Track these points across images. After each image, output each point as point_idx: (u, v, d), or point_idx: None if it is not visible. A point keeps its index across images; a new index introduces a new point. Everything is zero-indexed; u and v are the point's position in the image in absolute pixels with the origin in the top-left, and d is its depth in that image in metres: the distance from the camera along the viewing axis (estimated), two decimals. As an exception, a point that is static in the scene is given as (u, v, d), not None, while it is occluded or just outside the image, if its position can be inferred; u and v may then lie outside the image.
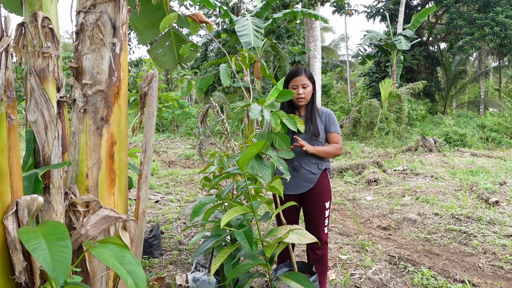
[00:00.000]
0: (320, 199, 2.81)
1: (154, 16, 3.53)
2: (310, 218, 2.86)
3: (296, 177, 2.78)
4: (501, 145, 13.18)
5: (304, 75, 2.74)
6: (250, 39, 8.06)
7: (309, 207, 2.85)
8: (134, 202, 5.07)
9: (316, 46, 12.54)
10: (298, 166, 2.78)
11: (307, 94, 2.75)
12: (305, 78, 2.74)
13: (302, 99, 2.74)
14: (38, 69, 1.69)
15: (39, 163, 1.71)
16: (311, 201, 2.83)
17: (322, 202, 2.82)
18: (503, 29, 18.64)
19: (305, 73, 2.75)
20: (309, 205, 2.84)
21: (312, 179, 2.79)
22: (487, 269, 3.60)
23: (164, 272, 3.50)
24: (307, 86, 2.74)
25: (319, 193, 2.81)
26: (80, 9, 1.92)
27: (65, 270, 1.20)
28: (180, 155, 11.59)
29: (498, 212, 5.30)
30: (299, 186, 2.80)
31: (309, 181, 2.79)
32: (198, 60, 15.42)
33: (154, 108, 2.15)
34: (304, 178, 2.79)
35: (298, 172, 2.78)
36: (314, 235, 2.68)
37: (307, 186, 2.80)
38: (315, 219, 2.84)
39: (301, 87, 2.73)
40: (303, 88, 2.73)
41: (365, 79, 25.04)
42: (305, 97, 2.74)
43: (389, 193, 6.67)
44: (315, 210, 2.82)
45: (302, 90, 2.73)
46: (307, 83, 2.74)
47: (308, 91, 2.75)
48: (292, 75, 2.78)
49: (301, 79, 2.73)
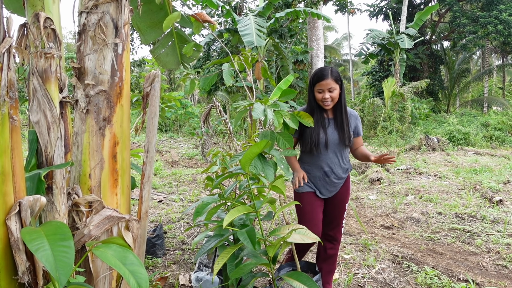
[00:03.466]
0: (342, 200, 2.80)
1: (157, 16, 3.53)
2: (330, 218, 2.83)
3: (328, 182, 2.72)
4: (505, 143, 13.13)
5: (330, 78, 2.52)
6: (253, 38, 8.06)
7: (331, 208, 2.81)
8: (137, 202, 5.08)
9: (318, 45, 12.52)
10: (329, 172, 2.70)
11: (334, 97, 2.56)
12: (332, 81, 2.52)
13: (329, 103, 2.57)
14: (40, 69, 1.69)
15: (42, 163, 1.71)
16: (334, 203, 2.79)
17: (344, 203, 2.81)
18: (506, 27, 18.56)
19: (332, 76, 2.53)
20: (332, 206, 2.81)
21: (340, 183, 2.76)
22: (491, 268, 3.59)
23: (167, 271, 3.50)
24: (334, 89, 2.53)
25: (342, 195, 2.79)
26: (82, 9, 1.92)
27: (67, 270, 1.20)
28: (183, 154, 11.59)
29: (502, 211, 5.28)
30: (330, 190, 2.75)
31: (338, 184, 2.76)
32: (200, 60, 15.43)
33: (156, 108, 2.15)
34: (333, 184, 2.73)
35: (330, 177, 2.71)
36: (331, 234, 2.85)
37: (335, 190, 2.77)
38: (335, 219, 2.83)
39: (327, 92, 2.53)
40: (330, 92, 2.53)
41: (368, 78, 24.98)
42: (332, 101, 2.57)
43: (392, 192, 6.65)
44: (336, 211, 2.80)
45: (328, 94, 2.53)
46: (334, 86, 2.53)
47: (336, 94, 2.56)
48: (317, 79, 2.56)
49: (327, 83, 2.52)
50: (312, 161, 2.71)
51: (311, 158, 2.72)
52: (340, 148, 2.68)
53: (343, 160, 2.73)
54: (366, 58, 20.71)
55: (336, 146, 2.66)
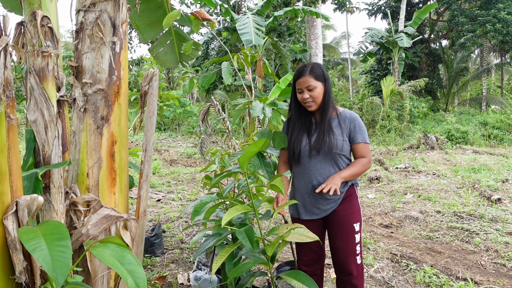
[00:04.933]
0: (346, 220, 2.27)
1: (155, 14, 3.52)
2: (336, 245, 2.31)
3: (317, 198, 2.26)
4: (503, 142, 13.15)
5: (308, 75, 2.20)
6: (251, 37, 8.05)
7: (335, 230, 2.31)
8: (135, 201, 5.07)
9: (317, 44, 12.52)
10: (318, 186, 2.22)
11: (316, 97, 2.21)
12: (310, 78, 2.20)
13: (311, 103, 2.23)
14: (37, 68, 1.68)
15: (39, 162, 1.71)
16: (336, 224, 2.29)
17: (349, 223, 2.27)
18: (505, 26, 18.57)
19: (310, 72, 2.21)
20: (334, 229, 2.30)
21: (336, 199, 2.27)
22: (490, 267, 3.59)
23: (166, 271, 3.50)
24: (313, 88, 2.20)
25: (345, 213, 2.27)
26: (80, 7, 1.91)
27: (65, 270, 1.19)
28: (182, 153, 11.59)
29: (500, 210, 5.29)
30: (321, 209, 2.28)
31: (333, 201, 2.27)
32: (199, 58, 15.43)
33: (154, 107, 2.14)
34: (325, 199, 2.26)
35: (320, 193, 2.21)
36: (342, 267, 2.30)
37: (330, 208, 2.28)
38: (342, 246, 2.28)
39: (306, 91, 2.21)
40: (309, 91, 2.20)
41: (367, 76, 25.00)
42: (314, 101, 2.22)
43: (391, 191, 6.65)
44: (341, 234, 2.27)
45: (308, 93, 2.21)
46: (314, 84, 2.20)
47: (317, 93, 2.21)
48: (295, 77, 2.27)
49: (304, 80, 2.21)
50: (299, 173, 2.32)
51: (298, 169, 2.33)
52: (332, 157, 2.24)
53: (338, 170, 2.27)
54: (364, 57, 20.73)
55: (326, 155, 2.23)
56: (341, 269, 2.32)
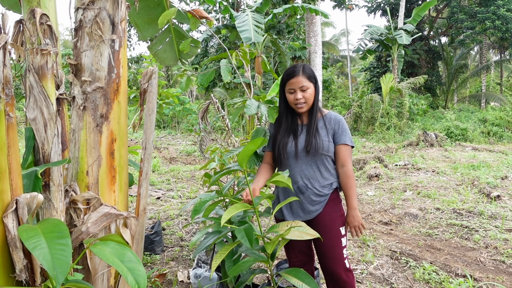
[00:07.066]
0: (331, 224, 2.25)
1: (154, 12, 3.51)
2: (322, 249, 2.28)
3: (302, 200, 2.25)
4: (502, 139, 13.16)
5: (301, 75, 2.18)
6: (251, 34, 8.03)
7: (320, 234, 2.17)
8: (135, 199, 5.07)
9: (316, 41, 12.51)
10: (304, 187, 2.23)
11: (308, 98, 2.19)
12: (304, 79, 2.17)
13: (302, 105, 2.20)
14: (36, 66, 1.68)
15: (38, 160, 1.70)
16: (321, 227, 2.23)
17: (335, 227, 2.25)
18: (504, 23, 18.56)
19: (303, 73, 2.19)
20: (319, 232, 2.14)
21: (321, 201, 2.24)
22: (489, 264, 3.60)
23: (166, 268, 3.51)
24: (306, 88, 2.18)
25: (331, 216, 2.25)
26: (79, 5, 1.90)
27: (65, 268, 1.20)
28: (181, 151, 11.59)
29: (499, 207, 5.30)
30: (306, 211, 2.25)
31: (317, 203, 2.24)
32: (198, 56, 15.39)
33: (154, 105, 2.14)
34: (310, 201, 2.24)
35: (305, 194, 2.23)
36: (330, 273, 2.27)
37: (316, 211, 2.25)
38: (328, 250, 2.25)
39: (299, 91, 2.18)
40: (302, 91, 2.18)
41: (366, 74, 24.98)
42: (306, 102, 2.20)
43: (390, 188, 6.66)
44: (327, 239, 2.22)
45: (300, 94, 2.18)
46: (307, 84, 2.18)
47: (310, 94, 2.19)
48: (287, 77, 2.23)
49: (298, 81, 2.18)
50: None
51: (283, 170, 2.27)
52: (318, 159, 2.23)
53: (324, 174, 2.25)
54: (364, 54, 20.69)
55: (313, 156, 2.22)
56: (331, 277, 2.30)
